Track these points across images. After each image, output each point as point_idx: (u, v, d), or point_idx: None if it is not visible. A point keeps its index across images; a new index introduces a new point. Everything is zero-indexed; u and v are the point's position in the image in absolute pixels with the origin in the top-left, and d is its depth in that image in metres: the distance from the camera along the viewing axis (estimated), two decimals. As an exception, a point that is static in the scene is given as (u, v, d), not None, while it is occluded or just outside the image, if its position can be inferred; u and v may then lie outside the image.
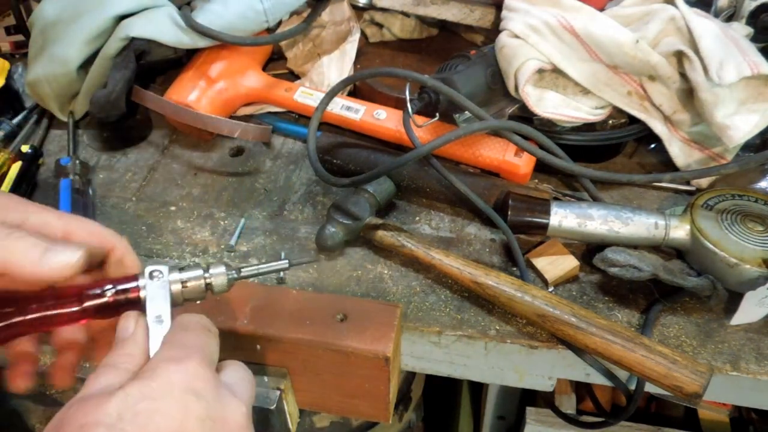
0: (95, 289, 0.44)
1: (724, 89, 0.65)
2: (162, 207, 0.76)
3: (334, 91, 0.74)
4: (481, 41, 0.91)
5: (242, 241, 0.71)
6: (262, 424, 0.60)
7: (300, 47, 0.91)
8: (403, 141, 0.78)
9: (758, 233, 0.61)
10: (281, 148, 0.83)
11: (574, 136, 0.74)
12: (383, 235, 0.66)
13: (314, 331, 0.58)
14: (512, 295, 0.59)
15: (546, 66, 0.70)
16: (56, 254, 0.41)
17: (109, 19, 0.77)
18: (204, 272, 0.46)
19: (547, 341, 0.61)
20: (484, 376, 0.66)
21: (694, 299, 0.63)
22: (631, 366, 0.56)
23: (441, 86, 0.68)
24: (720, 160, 0.72)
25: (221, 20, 0.79)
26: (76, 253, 0.42)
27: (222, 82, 0.83)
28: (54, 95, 0.82)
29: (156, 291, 0.44)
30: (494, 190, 0.71)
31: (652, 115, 0.73)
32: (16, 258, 0.40)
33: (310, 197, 0.76)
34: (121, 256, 0.46)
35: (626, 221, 0.63)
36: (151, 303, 0.44)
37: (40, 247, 0.41)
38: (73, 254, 0.42)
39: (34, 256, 0.41)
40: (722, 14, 0.75)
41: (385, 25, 0.92)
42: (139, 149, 0.84)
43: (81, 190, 0.74)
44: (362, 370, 0.59)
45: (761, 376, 0.58)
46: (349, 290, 0.65)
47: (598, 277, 0.66)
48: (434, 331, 0.62)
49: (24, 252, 0.41)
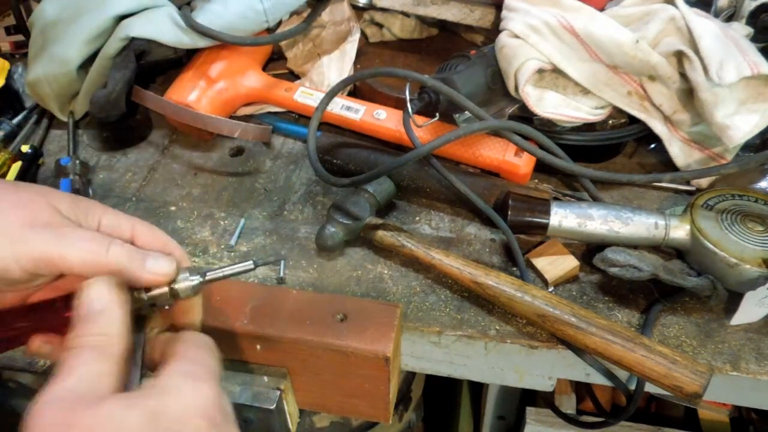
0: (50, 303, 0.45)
1: (724, 89, 0.65)
2: (162, 207, 0.76)
3: (334, 91, 0.74)
4: (481, 41, 0.91)
5: (242, 241, 0.71)
6: (262, 424, 0.60)
7: (300, 47, 0.91)
8: (403, 141, 0.78)
9: (758, 233, 0.61)
10: (281, 148, 0.83)
11: (574, 136, 0.74)
12: (383, 235, 0.66)
13: (314, 331, 0.58)
14: (512, 295, 0.59)
15: (546, 66, 0.70)
16: (158, 262, 0.44)
17: (109, 19, 0.77)
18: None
19: (547, 341, 0.61)
20: (484, 376, 0.66)
21: (694, 299, 0.63)
22: (631, 366, 0.56)
23: (441, 86, 0.68)
24: (720, 160, 0.72)
25: (221, 20, 0.79)
26: (173, 263, 0.44)
27: (222, 82, 0.83)
28: (54, 95, 0.82)
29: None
30: (494, 190, 0.71)
31: (652, 115, 0.73)
32: (121, 264, 0.42)
33: (310, 197, 0.76)
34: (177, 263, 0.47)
35: (626, 221, 0.63)
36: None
37: (140, 254, 0.43)
38: (171, 263, 0.44)
39: (138, 263, 0.43)
40: (722, 14, 0.75)
41: (385, 25, 0.92)
42: (139, 149, 0.84)
43: (81, 190, 0.74)
44: (362, 370, 0.58)
45: (761, 376, 0.58)
46: (349, 290, 0.65)
47: (598, 277, 0.66)
48: (434, 331, 0.62)
49: (129, 260, 0.43)
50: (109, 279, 0.41)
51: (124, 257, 0.42)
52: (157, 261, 0.44)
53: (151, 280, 0.43)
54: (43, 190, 0.45)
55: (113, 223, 0.46)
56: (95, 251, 0.42)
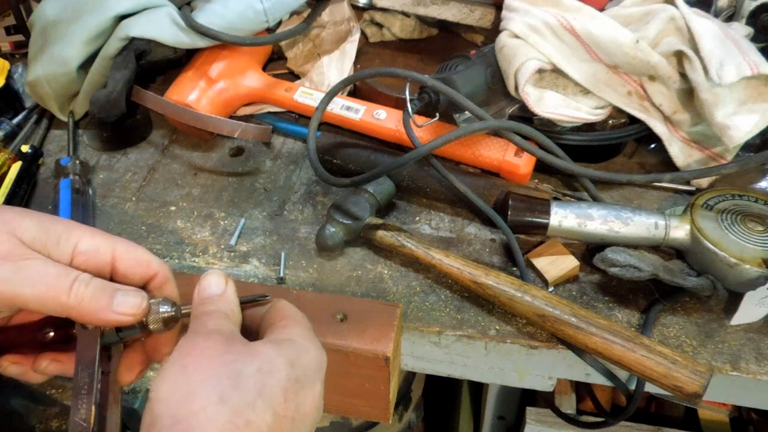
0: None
1: (724, 89, 0.65)
2: (162, 207, 0.76)
3: (334, 91, 0.74)
4: (481, 41, 0.91)
5: (242, 241, 0.71)
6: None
7: (300, 47, 0.91)
8: (403, 141, 0.78)
9: (758, 233, 0.61)
10: (281, 148, 0.83)
11: (574, 136, 0.74)
12: (383, 235, 0.66)
13: (314, 330, 0.58)
14: (512, 295, 0.59)
15: (546, 66, 0.70)
16: (126, 300, 0.42)
17: (109, 19, 0.77)
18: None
19: (547, 341, 0.61)
20: (484, 376, 0.66)
21: (694, 299, 0.63)
22: (631, 366, 0.56)
23: (441, 86, 0.68)
24: (720, 160, 0.72)
25: (221, 20, 0.79)
26: (143, 300, 0.43)
27: (222, 82, 0.83)
28: (54, 95, 0.82)
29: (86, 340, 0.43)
30: (494, 190, 0.71)
31: (652, 115, 0.73)
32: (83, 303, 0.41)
33: (310, 197, 0.76)
34: (161, 284, 0.46)
35: (626, 221, 0.63)
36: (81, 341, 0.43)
37: (107, 291, 0.42)
38: (142, 301, 0.43)
39: (105, 302, 0.41)
40: (722, 14, 0.75)
41: (385, 25, 0.92)
42: (139, 149, 0.84)
43: (81, 190, 0.74)
44: (362, 370, 0.58)
45: (761, 376, 0.58)
46: (349, 290, 0.65)
47: (598, 277, 0.66)
48: (434, 331, 0.62)
49: (93, 298, 0.41)
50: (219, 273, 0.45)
51: (87, 295, 0.40)
52: (125, 298, 0.42)
53: (118, 321, 0.42)
54: (7, 216, 0.41)
55: (91, 246, 0.43)
56: (55, 289, 0.40)
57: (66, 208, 0.71)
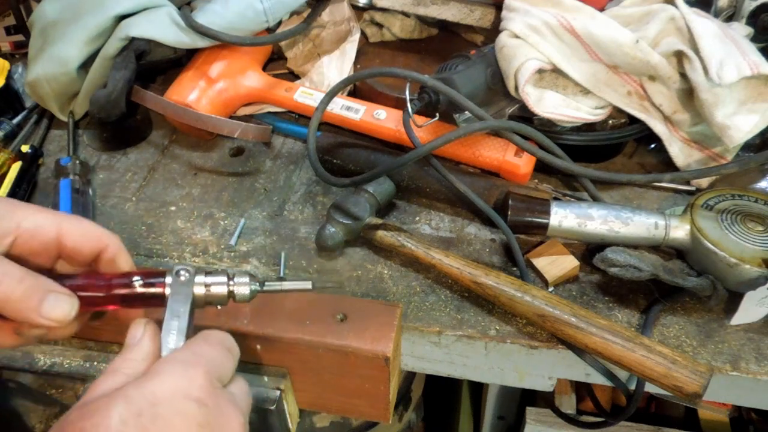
0: (124, 278, 0.45)
1: (724, 89, 0.65)
2: (162, 207, 0.76)
3: (334, 91, 0.74)
4: (481, 41, 0.91)
5: (242, 241, 0.71)
6: (262, 424, 0.60)
7: (300, 47, 0.91)
8: (403, 141, 0.78)
9: (758, 233, 0.61)
10: (281, 148, 0.83)
11: (574, 136, 0.74)
12: (383, 235, 0.66)
13: (314, 331, 0.58)
14: (512, 295, 0.59)
15: (546, 66, 0.70)
16: (55, 306, 0.41)
17: (109, 19, 0.77)
18: (228, 279, 0.47)
19: (547, 341, 0.61)
20: (484, 376, 0.66)
21: (694, 299, 0.63)
22: (631, 366, 0.56)
23: (441, 86, 0.68)
24: (720, 160, 0.72)
25: (221, 20, 0.79)
26: (73, 307, 0.42)
27: (222, 82, 0.83)
28: (54, 95, 0.82)
29: (179, 289, 0.45)
30: (494, 190, 0.71)
31: (652, 115, 0.73)
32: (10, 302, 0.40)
33: (310, 197, 0.76)
34: (113, 255, 0.46)
35: (626, 221, 0.63)
36: (172, 300, 0.45)
37: (38, 293, 0.41)
38: (72, 307, 0.42)
39: (33, 303, 0.41)
40: (722, 14, 0.75)
41: (385, 25, 0.92)
42: (139, 149, 0.84)
43: (81, 190, 0.74)
44: (362, 370, 0.58)
45: (761, 376, 0.58)
46: (349, 290, 0.65)
47: (598, 277, 0.66)
48: (434, 331, 0.62)
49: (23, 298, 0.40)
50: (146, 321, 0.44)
51: (18, 293, 0.40)
52: (56, 303, 0.41)
53: (44, 324, 0.41)
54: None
55: (34, 224, 0.43)
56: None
57: (66, 208, 0.71)
